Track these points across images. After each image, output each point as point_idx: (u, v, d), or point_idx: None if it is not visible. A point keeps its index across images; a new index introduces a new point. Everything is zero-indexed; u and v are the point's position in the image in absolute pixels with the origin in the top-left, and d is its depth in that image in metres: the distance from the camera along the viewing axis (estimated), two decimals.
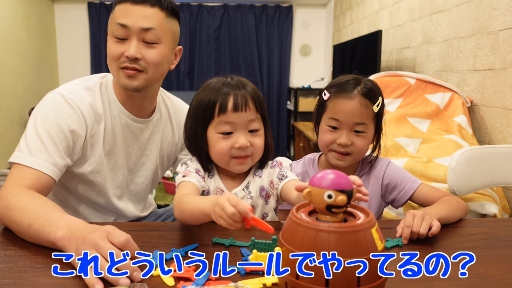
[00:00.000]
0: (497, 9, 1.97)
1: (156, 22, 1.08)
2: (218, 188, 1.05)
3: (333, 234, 0.56)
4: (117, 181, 1.20)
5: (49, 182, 1.01)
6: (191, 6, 5.25)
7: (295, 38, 5.49)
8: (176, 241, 0.90)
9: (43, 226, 0.83)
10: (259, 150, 1.02)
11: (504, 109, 1.93)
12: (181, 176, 1.02)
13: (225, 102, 0.97)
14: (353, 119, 1.08)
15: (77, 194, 1.19)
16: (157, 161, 1.28)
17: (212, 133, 1.00)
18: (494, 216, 1.65)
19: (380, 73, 2.40)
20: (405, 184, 1.15)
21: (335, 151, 1.11)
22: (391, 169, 1.17)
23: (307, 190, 0.60)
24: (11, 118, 3.94)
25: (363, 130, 1.09)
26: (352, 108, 1.07)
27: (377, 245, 0.58)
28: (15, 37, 4.03)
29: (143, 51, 1.07)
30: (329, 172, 0.60)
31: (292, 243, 0.59)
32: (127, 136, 1.19)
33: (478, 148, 1.56)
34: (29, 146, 1.02)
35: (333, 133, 1.11)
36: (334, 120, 1.10)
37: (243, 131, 0.99)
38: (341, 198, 0.58)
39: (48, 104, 1.08)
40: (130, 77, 1.08)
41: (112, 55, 1.08)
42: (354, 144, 1.09)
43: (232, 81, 1.02)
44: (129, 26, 1.05)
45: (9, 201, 0.92)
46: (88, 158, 1.13)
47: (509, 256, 0.83)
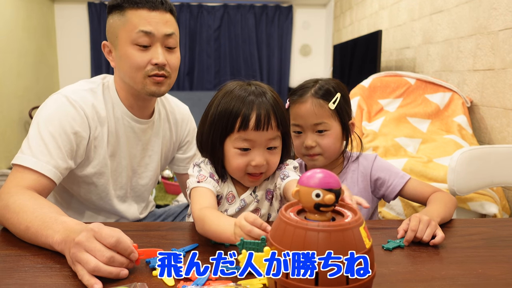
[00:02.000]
0: (497, 9, 1.97)
1: (174, 27, 1.10)
2: (230, 194, 1.04)
3: (322, 233, 0.56)
4: (120, 182, 1.20)
5: (49, 184, 1.00)
6: (191, 6, 5.25)
7: (295, 38, 5.49)
8: (176, 241, 0.90)
9: (40, 229, 0.82)
10: (273, 167, 1.01)
11: (504, 109, 1.93)
12: (195, 181, 0.98)
13: (247, 118, 0.93)
14: (310, 120, 1.12)
15: (79, 197, 1.18)
16: (159, 161, 1.29)
17: (229, 146, 0.97)
18: (494, 216, 1.65)
19: (380, 73, 2.40)
20: (393, 179, 1.16)
21: (306, 155, 1.15)
22: (378, 165, 1.18)
23: (296, 189, 0.61)
24: (11, 118, 3.95)
25: (324, 129, 1.12)
26: (306, 111, 1.11)
27: (365, 243, 0.59)
28: (15, 37, 4.03)
29: (167, 57, 1.09)
30: (317, 171, 0.61)
31: (282, 242, 0.59)
32: (130, 137, 1.19)
33: (478, 148, 1.56)
34: (31, 148, 1.01)
35: (299, 137, 1.15)
36: (296, 126, 1.14)
37: (262, 149, 0.96)
38: (329, 197, 0.58)
39: (51, 106, 1.07)
40: (158, 83, 1.09)
41: (139, 64, 1.06)
42: (319, 144, 1.12)
43: (256, 90, 0.96)
44: (154, 33, 1.05)
45: (6, 202, 0.91)
46: (92, 160, 1.12)
47: (509, 256, 0.83)
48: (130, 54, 1.07)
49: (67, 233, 0.77)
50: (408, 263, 0.80)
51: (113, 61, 1.14)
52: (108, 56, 1.15)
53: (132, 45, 1.07)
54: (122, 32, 1.07)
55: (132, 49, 1.07)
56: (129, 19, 1.06)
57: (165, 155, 1.32)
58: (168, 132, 1.30)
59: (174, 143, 1.33)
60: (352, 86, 2.42)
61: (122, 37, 1.08)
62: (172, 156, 1.36)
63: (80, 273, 0.69)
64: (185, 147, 1.37)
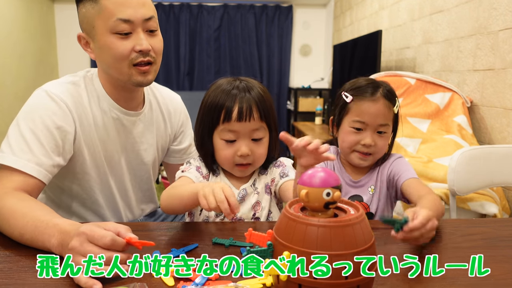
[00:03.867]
0: (497, 9, 1.96)
1: (152, 8, 1.05)
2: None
3: (332, 229, 0.58)
4: (116, 175, 1.18)
5: (36, 183, 0.97)
6: (191, 6, 5.25)
7: (295, 38, 5.49)
8: (176, 241, 0.90)
9: (35, 235, 0.81)
10: (260, 158, 1.05)
11: (504, 109, 1.93)
12: (180, 172, 1.06)
13: (230, 110, 0.98)
14: (378, 120, 1.12)
15: (77, 196, 1.17)
16: (155, 154, 1.26)
17: (217, 138, 1.03)
18: (494, 216, 1.65)
19: (380, 73, 2.40)
20: (400, 174, 1.14)
21: (359, 152, 1.15)
22: (397, 162, 1.18)
23: (304, 191, 0.61)
24: (11, 118, 3.93)
25: (385, 131, 1.14)
26: (377, 110, 1.12)
27: (369, 238, 0.60)
28: (15, 37, 4.03)
29: (150, 41, 1.03)
30: (319, 171, 0.62)
31: (293, 240, 0.59)
32: (120, 131, 1.15)
33: (478, 148, 1.56)
34: (11, 145, 0.97)
35: (357, 134, 1.14)
36: (359, 122, 1.13)
37: (246, 139, 1.01)
38: (338, 194, 0.60)
39: (32, 102, 1.03)
40: (144, 73, 1.04)
41: (121, 53, 1.01)
42: (376, 145, 1.13)
43: (240, 84, 1.02)
44: (133, 19, 0.99)
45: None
46: (84, 155, 1.09)
47: (509, 256, 0.83)
48: (110, 43, 1.00)
49: (62, 236, 0.76)
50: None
51: (92, 53, 1.07)
52: (85, 48, 1.08)
53: (111, 34, 1.00)
54: (98, 21, 1.00)
55: (112, 37, 1.00)
56: (103, 7, 0.99)
57: (162, 147, 1.29)
58: (162, 123, 1.26)
59: (169, 134, 1.30)
60: None
61: (99, 26, 1.01)
62: (167, 148, 1.33)
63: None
64: (180, 137, 1.34)
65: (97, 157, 1.12)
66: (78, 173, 1.12)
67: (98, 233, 0.71)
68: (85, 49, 1.09)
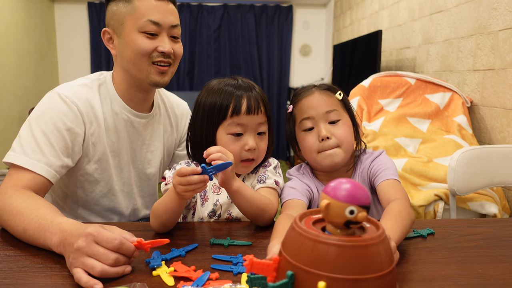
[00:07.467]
0: (497, 9, 1.96)
1: (178, 18, 1.13)
2: (214, 185, 1.07)
3: (356, 249, 0.51)
4: (122, 177, 1.19)
5: (44, 183, 1.00)
6: (191, 6, 5.25)
7: (295, 38, 5.49)
8: (176, 241, 0.90)
9: (37, 232, 0.82)
10: (262, 153, 1.07)
11: (504, 109, 1.93)
12: (164, 185, 1.01)
13: (239, 104, 1.00)
14: (322, 108, 1.05)
15: (83, 198, 1.17)
16: (162, 156, 1.28)
17: (222, 133, 1.02)
18: (494, 216, 1.65)
19: (380, 73, 2.40)
20: (378, 175, 1.06)
21: (323, 150, 1.05)
22: (380, 159, 1.10)
23: (326, 202, 0.53)
24: (11, 118, 3.94)
25: (337, 118, 1.06)
26: (315, 100, 1.06)
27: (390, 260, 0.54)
28: (15, 37, 4.03)
29: (172, 46, 1.11)
30: (346, 182, 0.53)
31: (307, 262, 0.52)
32: (130, 132, 1.18)
33: (478, 148, 1.56)
34: (23, 146, 1.00)
35: (311, 133, 1.06)
36: (306, 120, 1.07)
37: (253, 133, 1.03)
38: (363, 215, 0.51)
39: (44, 104, 1.07)
40: (162, 73, 1.11)
41: (145, 49, 1.08)
42: (335, 135, 1.05)
43: (243, 83, 1.05)
44: (161, 23, 1.08)
45: (4, 204, 0.91)
46: (92, 156, 1.11)
47: (509, 256, 0.83)
48: (136, 39, 1.08)
49: (64, 235, 0.77)
50: (408, 263, 0.80)
51: (113, 48, 1.13)
52: (108, 43, 1.14)
53: (139, 33, 1.08)
54: (129, 20, 1.08)
55: (139, 35, 1.08)
56: (136, 7, 1.07)
57: (168, 151, 1.32)
58: (169, 127, 1.30)
59: (175, 139, 1.33)
60: (352, 86, 2.42)
61: (128, 24, 1.08)
62: (173, 152, 1.36)
63: (77, 276, 0.69)
64: (184, 143, 1.35)
65: (104, 160, 1.14)
66: (83, 175, 1.13)
67: (106, 235, 0.72)
68: (107, 44, 1.14)
